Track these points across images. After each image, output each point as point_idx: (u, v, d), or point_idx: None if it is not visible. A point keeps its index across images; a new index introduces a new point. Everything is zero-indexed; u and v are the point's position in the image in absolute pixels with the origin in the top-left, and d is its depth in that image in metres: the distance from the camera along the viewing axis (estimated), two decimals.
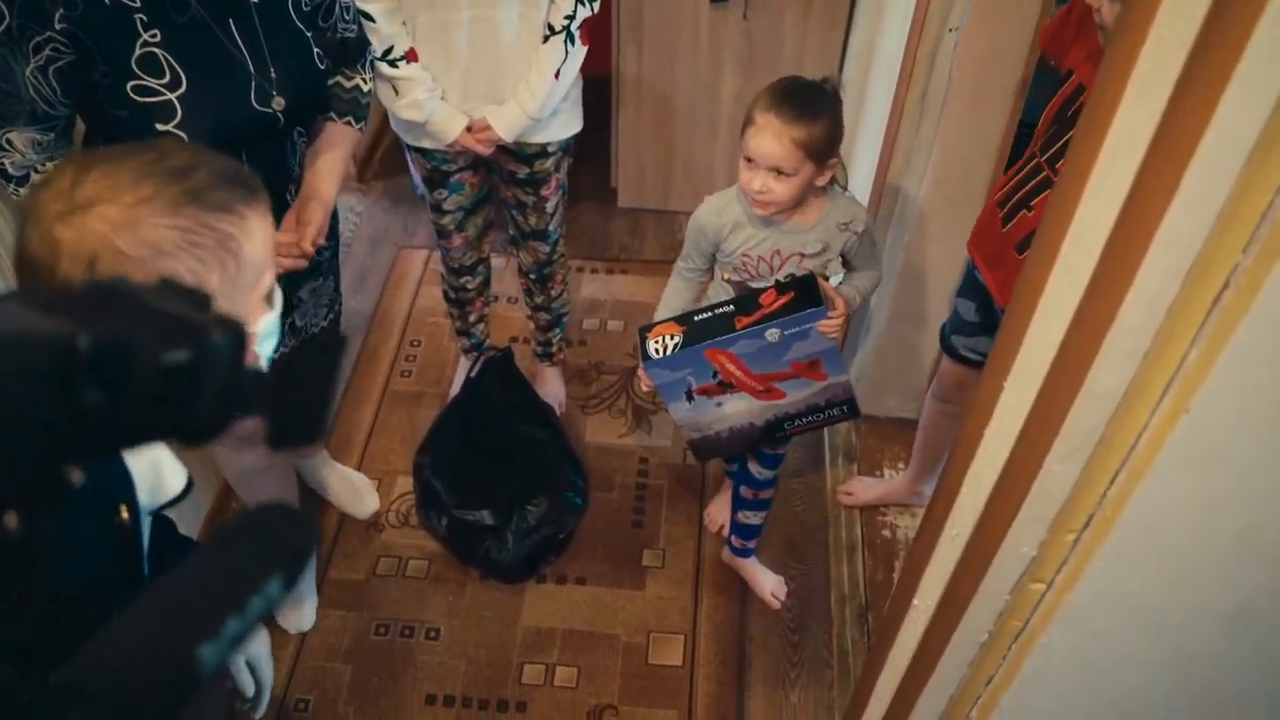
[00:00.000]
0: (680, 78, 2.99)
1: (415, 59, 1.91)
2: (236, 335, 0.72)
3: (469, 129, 1.99)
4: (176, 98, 1.42)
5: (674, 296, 1.90)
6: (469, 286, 2.44)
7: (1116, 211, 0.84)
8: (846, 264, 1.82)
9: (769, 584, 2.26)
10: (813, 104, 1.61)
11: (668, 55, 2.95)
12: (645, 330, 1.79)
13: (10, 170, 1.44)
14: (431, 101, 1.94)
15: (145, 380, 0.65)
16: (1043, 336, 1.00)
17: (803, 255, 1.75)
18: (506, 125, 1.98)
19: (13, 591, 0.70)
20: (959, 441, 1.32)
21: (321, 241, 1.62)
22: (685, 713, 2.08)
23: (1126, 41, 0.80)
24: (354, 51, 1.69)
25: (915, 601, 1.45)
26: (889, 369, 2.48)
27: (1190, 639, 1.11)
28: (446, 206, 2.19)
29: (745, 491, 2.13)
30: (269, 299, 1.02)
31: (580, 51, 1.96)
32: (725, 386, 1.83)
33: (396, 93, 1.93)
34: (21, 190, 1.46)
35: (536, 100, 1.96)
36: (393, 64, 1.88)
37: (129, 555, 1.08)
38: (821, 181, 1.68)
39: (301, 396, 0.90)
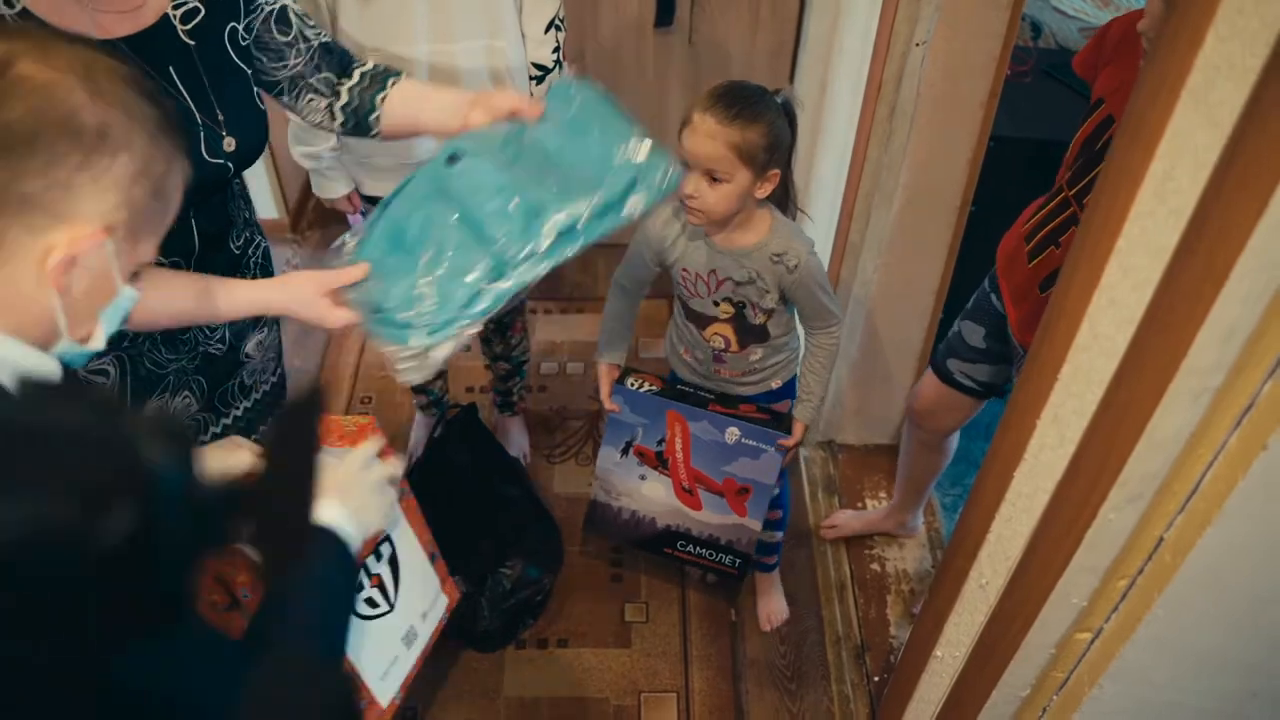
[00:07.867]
0: (624, 106, 2.90)
1: None
2: (182, 447, 0.59)
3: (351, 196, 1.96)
4: None
5: (614, 318, 1.84)
6: None
7: (1178, 236, 0.76)
8: (801, 315, 1.73)
9: (771, 607, 2.16)
10: (752, 106, 1.50)
11: (611, 82, 2.86)
12: (628, 371, 1.83)
13: None
14: (328, 156, 1.88)
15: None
16: (1086, 375, 0.91)
17: (735, 282, 1.66)
18: None
19: None
20: (980, 484, 1.22)
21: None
22: None
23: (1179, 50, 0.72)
24: (340, 51, 1.45)
25: (938, 653, 1.35)
26: (864, 395, 2.40)
27: (1256, 681, 1.03)
28: None
29: None
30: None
31: (568, 69, 1.95)
32: (660, 462, 1.85)
33: (298, 139, 1.88)
34: None
35: None
36: None
37: None
38: (760, 194, 1.56)
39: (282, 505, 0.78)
